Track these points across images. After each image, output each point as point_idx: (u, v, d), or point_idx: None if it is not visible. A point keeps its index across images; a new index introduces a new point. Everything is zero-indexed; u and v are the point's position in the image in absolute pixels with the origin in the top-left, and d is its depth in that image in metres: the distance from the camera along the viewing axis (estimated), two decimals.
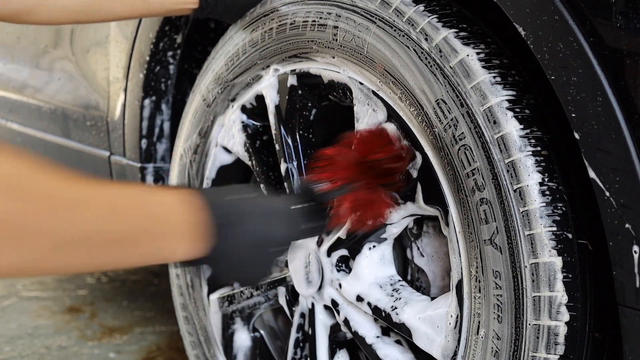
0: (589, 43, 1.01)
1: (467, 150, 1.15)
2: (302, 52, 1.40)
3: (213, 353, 1.68)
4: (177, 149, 1.68)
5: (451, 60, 1.16)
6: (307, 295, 1.46)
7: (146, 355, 2.20)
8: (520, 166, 1.10)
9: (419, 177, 1.24)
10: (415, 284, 1.40)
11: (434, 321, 1.25)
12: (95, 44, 1.89)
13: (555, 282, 1.09)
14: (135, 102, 1.78)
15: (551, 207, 1.09)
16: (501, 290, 1.13)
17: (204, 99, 1.59)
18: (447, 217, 1.20)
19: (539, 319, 1.10)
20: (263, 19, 1.45)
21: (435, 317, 1.25)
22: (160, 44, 1.73)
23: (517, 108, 1.12)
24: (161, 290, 2.68)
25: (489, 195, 1.13)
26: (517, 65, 1.17)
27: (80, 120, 1.96)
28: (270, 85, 1.47)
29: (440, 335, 1.24)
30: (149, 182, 1.82)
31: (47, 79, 2.05)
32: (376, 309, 1.34)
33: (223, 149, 1.61)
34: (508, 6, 1.10)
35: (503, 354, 1.15)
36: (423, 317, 1.27)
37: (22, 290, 2.63)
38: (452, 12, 1.22)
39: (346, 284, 1.39)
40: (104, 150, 1.91)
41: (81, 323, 2.40)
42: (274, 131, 1.47)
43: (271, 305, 1.63)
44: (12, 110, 2.20)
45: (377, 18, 1.26)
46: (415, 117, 1.22)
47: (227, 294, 1.64)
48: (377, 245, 1.37)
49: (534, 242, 1.09)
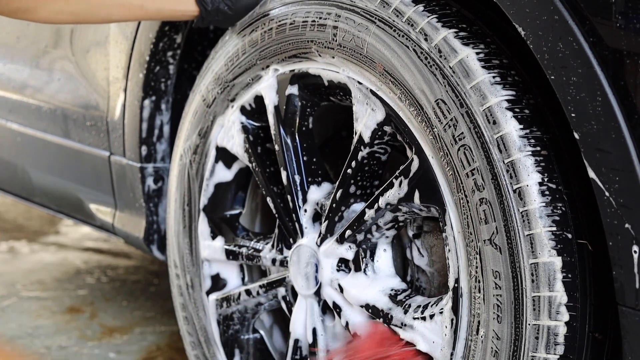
0: (589, 43, 1.01)
1: (466, 150, 1.15)
2: (301, 52, 1.40)
3: (213, 353, 1.68)
4: (176, 149, 1.68)
5: (451, 60, 1.16)
6: (306, 295, 1.47)
7: (146, 355, 2.20)
8: (519, 166, 1.10)
9: (418, 177, 1.24)
10: (415, 284, 1.40)
11: (434, 321, 1.25)
12: (95, 44, 1.89)
13: (555, 282, 1.09)
14: (135, 102, 1.78)
15: (551, 207, 1.09)
16: (501, 290, 1.13)
17: (203, 99, 1.59)
18: (446, 216, 1.20)
19: (538, 319, 1.10)
20: (263, 19, 1.45)
21: (435, 317, 1.25)
22: (160, 44, 1.73)
23: (516, 108, 1.12)
24: (161, 290, 2.68)
25: (488, 195, 1.13)
26: (516, 65, 1.17)
27: (80, 120, 1.96)
28: (270, 85, 1.47)
29: (439, 335, 1.24)
30: (149, 182, 1.82)
31: (47, 79, 2.05)
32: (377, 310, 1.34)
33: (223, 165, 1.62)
34: (508, 6, 1.10)
35: (503, 354, 1.15)
36: (422, 317, 1.27)
37: (22, 290, 2.63)
38: (451, 12, 1.22)
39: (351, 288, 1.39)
40: (104, 150, 1.91)
41: (81, 323, 2.39)
42: (274, 131, 1.47)
43: (271, 306, 1.63)
44: (12, 110, 2.20)
45: (376, 18, 1.26)
46: (415, 117, 1.22)
47: (227, 294, 1.64)
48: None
49: (533, 242, 1.09)
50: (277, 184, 1.52)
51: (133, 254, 3.01)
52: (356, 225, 1.35)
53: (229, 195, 1.64)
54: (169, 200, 1.72)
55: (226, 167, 1.62)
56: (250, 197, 1.67)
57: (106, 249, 3.07)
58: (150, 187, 1.82)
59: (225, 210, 1.64)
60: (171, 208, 1.71)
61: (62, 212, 2.20)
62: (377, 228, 1.34)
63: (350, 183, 1.37)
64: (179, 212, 1.68)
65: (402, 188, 1.26)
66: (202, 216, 1.64)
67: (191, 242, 1.67)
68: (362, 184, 1.38)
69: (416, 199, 1.24)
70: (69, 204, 2.12)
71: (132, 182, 1.84)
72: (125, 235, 1.93)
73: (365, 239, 1.36)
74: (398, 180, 1.26)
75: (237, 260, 1.62)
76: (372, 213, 1.31)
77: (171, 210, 1.71)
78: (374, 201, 1.31)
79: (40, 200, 2.25)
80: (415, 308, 1.29)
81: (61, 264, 2.91)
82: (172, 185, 1.70)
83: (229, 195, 1.64)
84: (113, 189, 1.92)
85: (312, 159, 1.47)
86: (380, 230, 1.35)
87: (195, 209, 1.65)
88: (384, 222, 1.33)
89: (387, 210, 1.30)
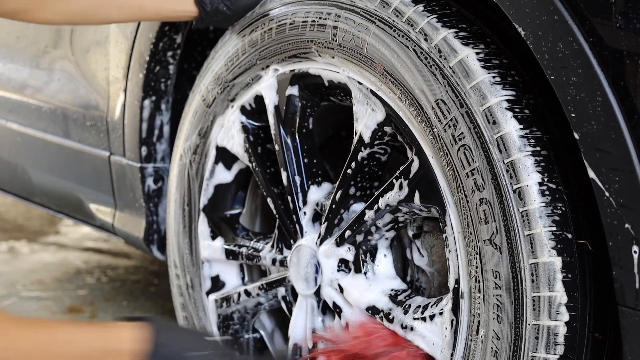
0: (589, 43, 1.01)
1: (466, 150, 1.15)
2: (301, 52, 1.40)
3: None
4: (176, 149, 1.68)
5: (450, 60, 1.16)
6: (306, 296, 1.46)
7: None
8: (519, 166, 1.10)
9: (418, 178, 1.24)
10: (415, 284, 1.40)
11: (434, 323, 1.25)
12: (95, 44, 1.89)
13: (555, 282, 1.09)
14: (135, 102, 1.78)
15: (551, 207, 1.09)
16: (501, 290, 1.13)
17: (203, 99, 1.59)
18: (446, 217, 1.20)
19: (538, 319, 1.10)
20: (262, 19, 1.45)
21: (435, 318, 1.25)
22: (160, 44, 1.73)
23: (516, 108, 1.12)
24: (161, 290, 2.68)
25: (488, 195, 1.13)
26: (516, 65, 1.17)
27: (80, 120, 1.96)
28: (270, 85, 1.47)
29: (440, 335, 1.24)
30: (149, 182, 1.82)
31: (47, 79, 2.05)
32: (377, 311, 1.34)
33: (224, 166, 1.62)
34: (508, 6, 1.10)
35: (503, 354, 1.15)
36: (422, 318, 1.27)
37: (22, 290, 2.63)
38: (451, 12, 1.22)
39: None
40: (104, 150, 1.91)
41: None
42: (274, 131, 1.47)
43: (271, 306, 1.63)
44: (12, 110, 2.20)
45: (376, 18, 1.26)
46: (415, 117, 1.22)
47: (226, 294, 1.64)
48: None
49: (533, 242, 1.09)
50: (277, 184, 1.52)
51: (133, 254, 3.00)
52: (356, 226, 1.35)
53: (229, 196, 1.64)
54: (168, 200, 1.72)
55: (226, 169, 1.62)
56: (250, 197, 1.67)
57: (106, 249, 3.07)
58: (150, 187, 1.82)
59: (225, 210, 1.64)
60: (171, 208, 1.71)
61: (62, 212, 2.20)
62: (377, 229, 1.34)
63: (350, 184, 1.37)
64: (178, 212, 1.68)
65: (403, 188, 1.26)
66: (202, 216, 1.64)
67: (191, 242, 1.67)
68: (362, 185, 1.38)
69: (416, 199, 1.24)
70: (69, 204, 2.12)
71: (132, 182, 1.84)
72: (125, 235, 1.93)
73: (365, 239, 1.36)
74: (398, 181, 1.26)
75: (237, 260, 1.62)
76: (372, 214, 1.31)
77: (171, 210, 1.71)
78: (373, 202, 1.31)
79: (40, 200, 2.25)
80: (415, 308, 1.29)
81: (61, 264, 2.91)
82: (172, 185, 1.70)
83: (229, 195, 1.64)
84: (113, 189, 1.92)
85: (313, 159, 1.47)
86: (380, 232, 1.35)
87: (195, 209, 1.65)
88: (384, 222, 1.33)
89: (387, 211, 1.30)
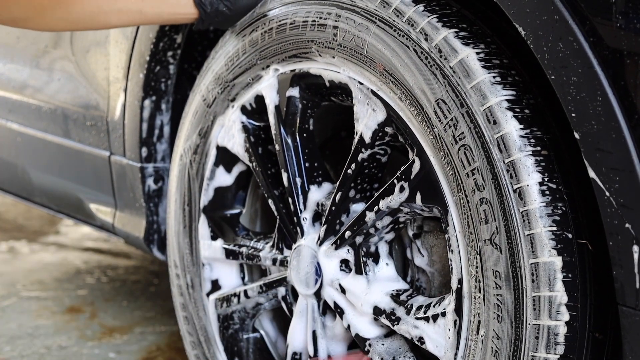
0: (589, 43, 1.01)
1: (467, 150, 1.15)
2: (302, 52, 1.40)
3: (213, 353, 1.68)
4: (177, 149, 1.68)
5: (451, 60, 1.17)
6: (306, 296, 1.47)
7: (146, 355, 2.20)
8: (520, 166, 1.10)
9: (419, 178, 1.24)
10: (415, 284, 1.40)
11: (437, 324, 1.25)
12: (95, 44, 1.89)
13: (555, 282, 1.09)
14: (135, 102, 1.78)
15: (551, 207, 1.09)
16: (501, 290, 1.13)
17: (204, 99, 1.59)
18: (448, 217, 1.20)
19: (538, 319, 1.10)
20: (263, 19, 1.45)
21: (438, 319, 1.25)
22: (160, 44, 1.73)
23: (516, 108, 1.12)
24: (161, 290, 2.68)
25: (488, 195, 1.13)
26: (517, 65, 1.17)
27: (80, 120, 1.96)
28: (270, 85, 1.47)
29: (440, 335, 1.24)
30: (149, 182, 1.82)
31: (47, 79, 2.05)
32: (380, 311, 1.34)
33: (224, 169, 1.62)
34: (508, 6, 1.10)
35: (503, 354, 1.15)
36: (425, 318, 1.27)
37: (22, 290, 2.64)
38: (452, 12, 1.22)
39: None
40: (104, 150, 1.91)
41: (81, 323, 2.40)
42: (274, 131, 1.47)
43: (271, 305, 1.63)
44: (12, 110, 2.20)
45: (376, 18, 1.26)
46: (415, 117, 1.22)
47: (227, 294, 1.64)
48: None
49: (533, 242, 1.09)
50: (277, 184, 1.52)
51: (133, 254, 3.01)
52: (356, 226, 1.35)
53: (229, 196, 1.65)
54: (169, 200, 1.72)
55: (226, 171, 1.62)
56: (250, 197, 1.67)
57: (106, 249, 3.07)
58: (150, 187, 1.82)
59: (226, 210, 1.65)
60: (171, 208, 1.71)
61: (62, 212, 2.20)
62: (377, 230, 1.34)
63: (350, 184, 1.37)
64: (179, 212, 1.68)
65: (404, 188, 1.26)
66: (202, 216, 1.64)
67: (191, 242, 1.67)
68: (362, 185, 1.38)
69: (418, 199, 1.24)
70: (69, 204, 2.12)
71: (132, 182, 1.84)
72: (126, 235, 1.93)
73: (365, 240, 1.36)
74: (399, 182, 1.26)
75: (237, 260, 1.62)
76: (372, 214, 1.31)
77: (171, 210, 1.71)
78: (374, 202, 1.31)
79: (40, 200, 2.25)
80: (417, 308, 1.29)
81: (61, 264, 2.91)
82: (172, 185, 1.70)
83: (229, 195, 1.65)
84: (113, 189, 1.92)
85: (313, 159, 1.47)
86: (380, 233, 1.35)
87: (195, 209, 1.65)
88: (384, 224, 1.33)
89: (387, 212, 1.30)
